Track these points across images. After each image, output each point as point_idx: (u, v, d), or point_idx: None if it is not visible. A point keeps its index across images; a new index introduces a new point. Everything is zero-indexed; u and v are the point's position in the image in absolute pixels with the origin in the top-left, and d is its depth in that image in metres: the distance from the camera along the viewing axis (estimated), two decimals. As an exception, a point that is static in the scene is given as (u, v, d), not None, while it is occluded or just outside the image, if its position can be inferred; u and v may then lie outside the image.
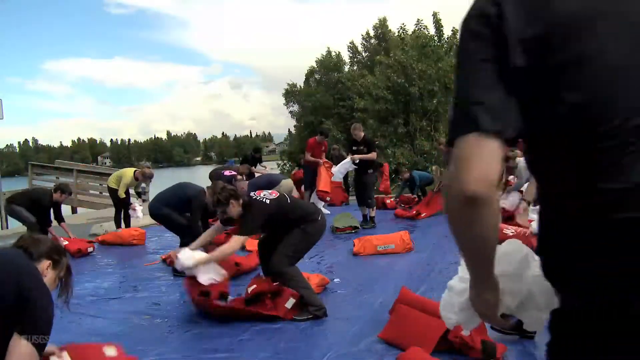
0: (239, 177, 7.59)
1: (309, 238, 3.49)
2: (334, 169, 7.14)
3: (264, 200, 3.44)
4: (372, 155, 6.83)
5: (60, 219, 6.43)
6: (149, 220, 7.65)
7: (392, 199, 9.07)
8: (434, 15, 14.35)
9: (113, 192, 7.37)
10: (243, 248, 5.82)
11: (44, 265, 1.97)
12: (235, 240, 3.41)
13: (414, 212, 7.54)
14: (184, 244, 4.39)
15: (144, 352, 2.89)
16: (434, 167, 11.68)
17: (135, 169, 7.45)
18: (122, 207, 7.38)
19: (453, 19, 15.98)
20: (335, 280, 4.24)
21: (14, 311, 1.69)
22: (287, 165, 24.40)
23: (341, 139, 20.87)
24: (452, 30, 14.05)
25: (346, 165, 6.92)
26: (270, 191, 3.60)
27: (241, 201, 3.47)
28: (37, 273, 1.86)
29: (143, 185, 8.54)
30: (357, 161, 6.75)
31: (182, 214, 4.80)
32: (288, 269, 3.39)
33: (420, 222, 7.20)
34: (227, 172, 8.53)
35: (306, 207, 3.68)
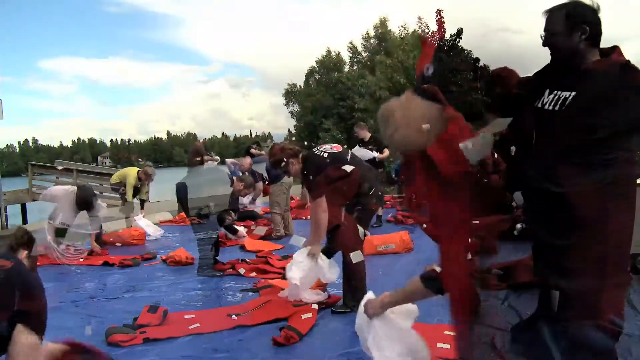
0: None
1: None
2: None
3: (322, 154, 3.44)
4: (386, 153, 6.80)
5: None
6: (152, 220, 7.68)
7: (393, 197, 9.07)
8: (438, 12, 14.20)
9: (117, 186, 7.55)
10: (242, 248, 5.82)
11: (22, 254, 2.01)
12: (316, 208, 3.30)
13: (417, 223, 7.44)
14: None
15: (143, 352, 2.89)
16: None
17: (137, 169, 7.53)
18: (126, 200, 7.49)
19: (456, 18, 15.90)
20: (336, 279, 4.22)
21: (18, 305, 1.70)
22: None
23: (342, 139, 20.87)
24: (458, 29, 13.88)
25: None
26: (332, 145, 3.60)
27: (300, 157, 3.51)
28: (30, 272, 1.90)
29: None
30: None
31: None
32: None
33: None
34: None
35: (364, 165, 3.70)
